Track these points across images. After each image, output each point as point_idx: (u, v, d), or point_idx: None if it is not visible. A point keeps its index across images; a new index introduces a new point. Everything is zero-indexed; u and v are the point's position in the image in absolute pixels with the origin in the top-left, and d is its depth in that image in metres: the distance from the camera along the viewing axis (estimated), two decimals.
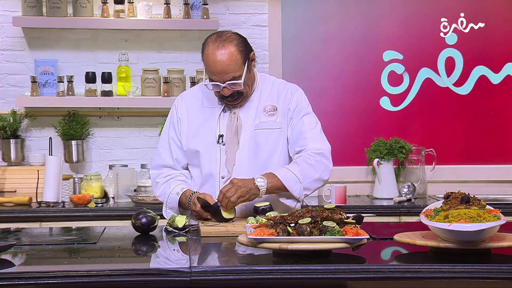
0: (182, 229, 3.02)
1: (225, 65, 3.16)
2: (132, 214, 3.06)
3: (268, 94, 3.35)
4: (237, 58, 3.18)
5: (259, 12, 5.00)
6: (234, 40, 3.20)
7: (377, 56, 5.08)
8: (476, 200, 2.58)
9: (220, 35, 3.22)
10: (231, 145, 3.28)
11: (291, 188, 3.20)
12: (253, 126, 3.30)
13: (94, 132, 4.93)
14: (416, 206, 4.52)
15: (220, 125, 3.31)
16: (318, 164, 3.26)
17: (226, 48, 3.17)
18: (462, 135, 5.12)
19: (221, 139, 3.29)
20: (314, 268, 2.36)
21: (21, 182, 4.63)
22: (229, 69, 3.17)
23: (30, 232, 3.28)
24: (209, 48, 3.20)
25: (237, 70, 3.18)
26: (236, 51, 3.18)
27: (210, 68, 3.20)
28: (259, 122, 3.31)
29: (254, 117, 3.31)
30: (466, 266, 2.38)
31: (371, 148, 4.86)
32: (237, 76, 3.18)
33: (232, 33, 3.25)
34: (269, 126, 3.31)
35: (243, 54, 3.21)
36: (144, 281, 2.35)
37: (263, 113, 3.32)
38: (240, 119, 3.30)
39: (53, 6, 4.73)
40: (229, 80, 3.18)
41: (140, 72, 4.88)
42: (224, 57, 3.16)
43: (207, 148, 3.30)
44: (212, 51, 3.18)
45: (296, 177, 3.21)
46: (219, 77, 3.18)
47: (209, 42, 3.22)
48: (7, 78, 4.90)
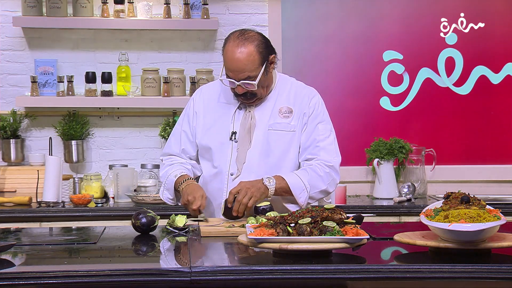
0: (182, 229, 3.02)
1: (241, 63, 3.16)
2: (132, 214, 3.06)
3: (285, 96, 3.35)
4: (255, 58, 3.18)
5: (259, 12, 5.00)
6: (255, 40, 3.20)
7: (377, 56, 5.08)
8: (476, 200, 2.58)
9: (243, 32, 3.22)
10: (243, 143, 3.29)
11: (297, 195, 3.21)
12: (267, 126, 3.30)
13: (94, 132, 4.93)
14: (416, 206, 4.52)
15: (234, 122, 3.32)
16: (326, 176, 3.28)
17: (246, 46, 3.17)
18: (462, 135, 5.12)
19: (234, 136, 3.30)
20: (314, 268, 2.36)
21: (21, 182, 4.63)
22: (245, 68, 3.17)
23: (30, 232, 3.28)
24: (229, 44, 3.20)
25: (253, 70, 3.18)
26: (255, 51, 3.18)
27: (227, 64, 3.20)
28: (274, 122, 3.31)
29: (269, 117, 3.31)
30: (466, 266, 2.38)
31: (371, 148, 4.86)
32: (252, 76, 3.19)
33: (256, 33, 3.25)
34: (283, 127, 3.31)
35: (262, 55, 3.20)
36: (144, 281, 2.34)
37: (278, 114, 3.32)
38: (254, 118, 3.30)
39: (53, 6, 4.73)
40: (244, 80, 3.18)
41: (140, 72, 4.88)
42: (242, 56, 3.16)
43: (219, 144, 3.32)
44: (232, 48, 3.18)
45: (304, 185, 3.23)
46: (234, 75, 3.19)
47: (231, 38, 3.22)
48: (7, 78, 4.90)
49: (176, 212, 3.21)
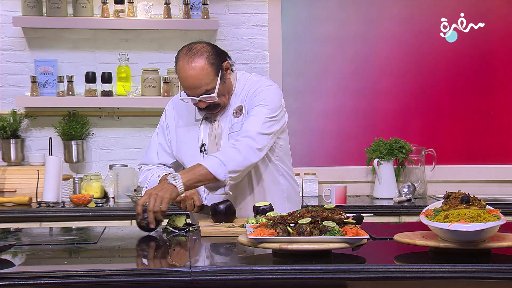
0: (182, 229, 3.02)
1: (196, 79, 3.11)
2: (132, 214, 3.06)
3: (238, 96, 3.28)
4: (208, 71, 3.12)
5: (259, 12, 5.00)
6: (204, 53, 3.13)
7: (377, 56, 5.07)
8: (476, 200, 2.58)
9: (190, 48, 3.15)
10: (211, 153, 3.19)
11: (215, 172, 3.03)
12: (228, 131, 3.25)
13: (94, 132, 4.93)
14: (416, 206, 4.52)
15: (202, 134, 3.28)
16: (242, 147, 3.08)
17: (196, 61, 3.11)
18: (462, 135, 5.12)
19: (203, 148, 3.26)
20: (314, 268, 2.36)
21: (21, 182, 4.63)
22: (200, 83, 3.11)
23: (30, 232, 3.28)
24: (180, 62, 3.14)
25: (209, 83, 3.13)
26: (207, 64, 3.12)
27: (182, 83, 3.16)
28: (231, 125, 3.25)
29: (228, 122, 3.25)
30: (466, 266, 2.38)
31: (371, 148, 4.86)
32: (209, 89, 3.13)
33: (204, 45, 3.17)
34: (238, 128, 3.21)
35: (215, 65, 3.14)
36: (144, 281, 2.34)
37: (232, 116, 3.26)
38: (220, 127, 3.25)
39: (53, 6, 4.73)
40: (202, 94, 3.13)
41: (140, 72, 4.88)
42: (195, 72, 3.10)
43: (191, 157, 3.26)
44: (183, 66, 3.12)
45: (219, 160, 3.04)
46: (192, 92, 3.14)
47: (180, 56, 3.16)
48: (7, 78, 4.90)
49: (176, 212, 3.21)
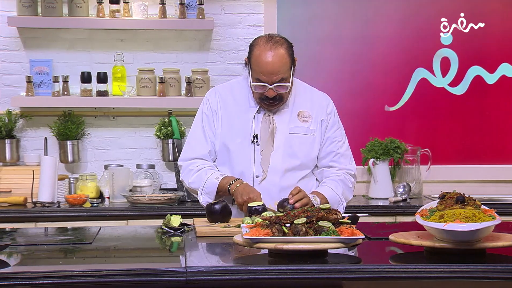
0: (177, 229, 3.02)
1: (276, 66, 3.25)
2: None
3: (302, 101, 3.44)
4: (287, 61, 3.29)
5: (254, 12, 5.00)
6: (284, 44, 3.32)
7: (373, 56, 5.08)
8: (471, 200, 2.59)
9: (271, 37, 3.33)
10: (266, 146, 3.35)
11: (332, 205, 3.22)
12: (287, 130, 3.38)
13: (89, 132, 4.92)
14: (411, 206, 4.52)
15: (254, 126, 3.37)
16: (353, 187, 3.50)
17: (278, 49, 3.27)
18: (457, 135, 5.13)
19: (256, 139, 3.35)
20: (310, 268, 2.36)
21: (17, 182, 4.63)
22: (279, 70, 3.25)
23: (25, 232, 3.28)
24: (260, 48, 3.28)
25: (286, 72, 3.28)
26: (286, 54, 3.29)
27: (261, 68, 3.26)
28: (294, 126, 3.40)
29: (288, 121, 3.39)
30: (461, 266, 2.39)
31: (366, 148, 4.87)
32: (285, 78, 3.28)
33: (282, 37, 3.35)
34: (303, 131, 3.41)
35: (291, 58, 3.32)
36: (139, 281, 2.34)
37: (297, 118, 3.41)
38: (274, 122, 3.37)
39: (48, 6, 4.73)
40: (277, 82, 3.26)
41: (135, 72, 4.88)
42: (276, 58, 3.26)
43: (240, 146, 3.36)
44: (264, 52, 3.26)
45: (340, 199, 3.41)
46: (268, 78, 3.26)
47: (260, 43, 3.31)
48: (2, 78, 4.89)
49: (171, 212, 3.21)
